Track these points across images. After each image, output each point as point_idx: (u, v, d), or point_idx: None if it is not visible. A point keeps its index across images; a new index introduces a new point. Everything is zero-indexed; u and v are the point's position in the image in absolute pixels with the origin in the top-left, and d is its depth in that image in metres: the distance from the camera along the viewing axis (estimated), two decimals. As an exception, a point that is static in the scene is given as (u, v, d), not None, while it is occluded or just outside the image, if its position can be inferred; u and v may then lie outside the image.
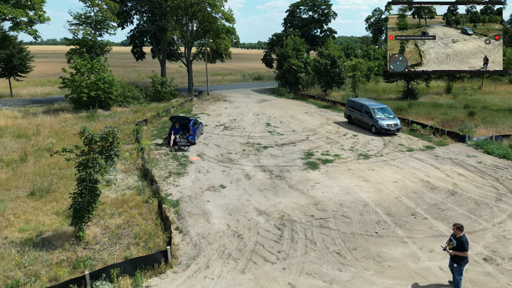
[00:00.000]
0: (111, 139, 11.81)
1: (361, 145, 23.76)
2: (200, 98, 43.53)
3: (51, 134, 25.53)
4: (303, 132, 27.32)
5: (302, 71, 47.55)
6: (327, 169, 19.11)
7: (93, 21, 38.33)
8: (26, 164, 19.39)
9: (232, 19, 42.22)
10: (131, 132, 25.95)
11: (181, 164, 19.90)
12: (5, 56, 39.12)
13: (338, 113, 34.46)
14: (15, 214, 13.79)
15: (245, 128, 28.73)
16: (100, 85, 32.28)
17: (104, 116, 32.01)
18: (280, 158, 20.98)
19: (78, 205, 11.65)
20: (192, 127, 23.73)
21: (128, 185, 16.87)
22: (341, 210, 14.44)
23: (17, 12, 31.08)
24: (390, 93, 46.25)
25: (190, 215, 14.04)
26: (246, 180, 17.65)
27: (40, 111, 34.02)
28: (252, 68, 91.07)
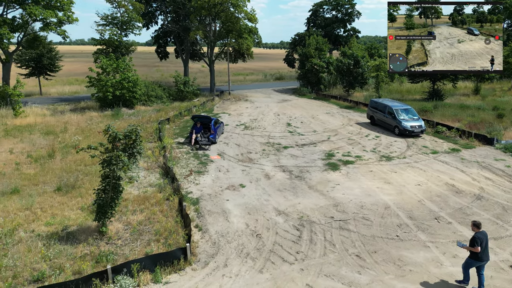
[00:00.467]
0: (134, 137, 12.07)
1: (384, 146, 23.34)
2: (221, 97, 43.86)
3: (77, 131, 26.31)
4: (324, 132, 27.10)
5: (324, 71, 47.13)
6: (348, 171, 18.88)
7: (119, 22, 39.27)
8: (54, 160, 20.05)
9: (254, 19, 42.32)
10: (154, 130, 26.43)
11: (201, 163, 20.12)
12: (35, 55, 40.60)
13: (360, 114, 33.97)
14: (42, 208, 14.29)
15: (266, 128, 28.75)
16: (124, 84, 33.04)
17: (128, 114, 32.72)
18: (300, 159, 20.88)
19: (101, 201, 11.96)
20: (213, 127, 23.94)
21: (150, 182, 17.20)
22: (362, 212, 14.24)
23: (47, 13, 32.21)
24: (415, 93, 45.18)
25: (209, 213, 14.17)
26: (266, 180, 17.66)
27: (67, 109, 35.12)
28: (274, 68, 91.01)
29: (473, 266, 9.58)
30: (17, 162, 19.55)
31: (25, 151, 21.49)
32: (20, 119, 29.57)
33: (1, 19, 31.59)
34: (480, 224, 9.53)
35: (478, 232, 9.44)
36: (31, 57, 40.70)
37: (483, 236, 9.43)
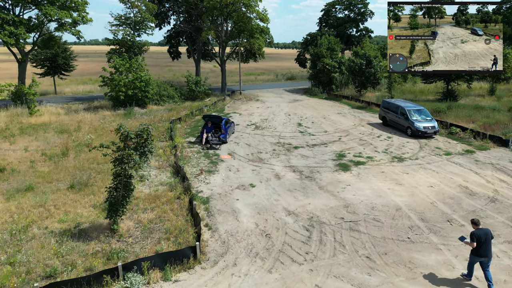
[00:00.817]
0: (145, 136, 12.19)
1: (396, 147, 23.09)
2: (232, 97, 43.97)
3: (90, 130, 26.68)
4: (335, 133, 26.94)
5: (336, 71, 46.86)
6: (359, 171, 18.74)
7: (132, 22, 39.70)
8: (67, 158, 20.38)
9: (266, 19, 42.33)
10: (165, 130, 26.64)
11: (212, 162, 20.20)
12: (50, 55, 41.32)
13: (372, 114, 33.67)
14: (56, 206, 14.54)
15: (276, 128, 28.72)
16: (137, 84, 33.38)
17: (140, 114, 33.06)
18: (310, 159, 20.80)
19: (113, 199, 12.11)
20: (224, 126, 24.02)
21: (161, 181, 17.34)
22: (372, 213, 14.11)
23: (62, 13, 32.77)
24: (428, 94, 44.57)
25: (219, 213, 14.22)
26: (276, 180, 17.64)
27: (81, 108, 35.66)
28: (285, 67, 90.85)
29: (474, 261, 9.85)
30: (31, 160, 19.93)
31: (40, 149, 21.89)
32: (35, 118, 30.13)
33: (18, 19, 32.26)
34: (479, 222, 9.84)
35: (477, 229, 9.75)
36: (46, 57, 41.44)
37: (483, 233, 9.67)
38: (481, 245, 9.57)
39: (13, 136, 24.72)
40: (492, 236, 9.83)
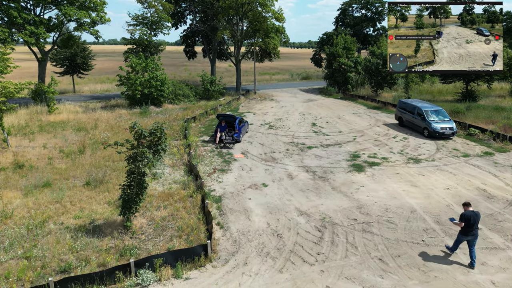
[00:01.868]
0: (159, 134, 12.31)
1: (412, 148, 22.70)
2: (247, 97, 44.02)
3: (107, 128, 27.13)
4: (350, 133, 26.66)
5: (352, 71, 46.38)
6: (373, 172, 18.49)
7: (149, 22, 40.19)
8: (84, 155, 20.78)
9: (282, 18, 42.20)
10: (180, 128, 26.86)
11: (225, 161, 20.26)
12: (69, 55, 42.20)
13: (388, 115, 33.20)
14: (71, 202, 14.83)
15: (290, 127, 28.61)
16: (153, 83, 33.77)
17: (156, 112, 33.43)
18: (324, 159, 20.64)
19: (127, 196, 12.27)
20: (237, 125, 24.07)
21: (175, 179, 17.49)
22: (386, 215, 13.91)
23: (81, 13, 33.43)
24: (447, 94, 43.68)
25: (231, 212, 14.25)
26: (289, 180, 17.57)
27: (98, 106, 36.29)
28: (301, 67, 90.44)
29: (461, 240, 10.83)
30: (49, 157, 20.38)
31: (58, 147, 22.37)
32: (54, 116, 30.82)
33: (38, 19, 33.07)
34: (469, 204, 10.79)
35: (468, 210, 10.63)
36: (65, 56, 42.34)
37: (472, 214, 10.53)
38: (468, 226, 10.47)
39: (32, 134, 25.34)
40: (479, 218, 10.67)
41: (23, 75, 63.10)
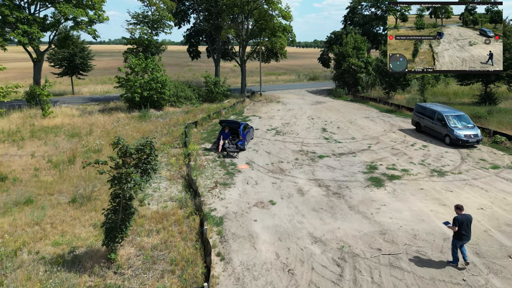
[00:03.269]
0: (148, 151, 10.42)
1: (434, 158, 20.62)
2: (252, 99, 42.07)
3: (102, 134, 25.34)
4: (364, 140, 24.61)
5: (362, 72, 44.23)
6: (394, 188, 16.47)
7: (150, 21, 38.35)
8: (73, 166, 18.99)
9: (289, 17, 40.12)
10: (180, 135, 24.97)
11: (228, 173, 18.34)
12: (68, 55, 40.50)
13: (403, 119, 31.08)
14: (52, 224, 13.02)
15: (299, 133, 26.61)
16: (153, 85, 31.93)
17: (156, 116, 31.59)
18: (338, 171, 18.64)
19: (111, 224, 10.40)
20: (242, 132, 22.14)
21: (171, 195, 15.61)
22: (415, 243, 11.90)
23: (77, 11, 31.64)
24: (463, 96, 41.45)
25: (234, 238, 12.33)
26: (299, 196, 15.61)
27: (96, 109, 34.55)
28: (307, 67, 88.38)
29: (457, 245, 10.56)
30: (36, 168, 18.61)
31: (47, 155, 20.59)
32: (48, 120, 29.11)
33: (31, 17, 31.31)
34: (462, 207, 10.57)
35: (461, 214, 10.41)
36: (64, 56, 40.64)
37: (465, 218, 10.37)
38: (462, 230, 10.31)
39: (22, 140, 23.62)
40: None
41: (24, 75, 61.73)
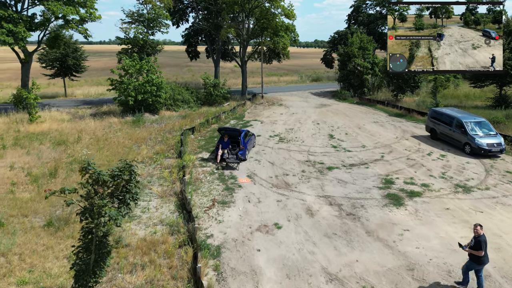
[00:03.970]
0: (127, 177, 8.44)
1: (455, 170, 18.63)
2: (253, 101, 40.09)
3: (91, 142, 23.40)
4: (376, 148, 22.63)
5: (368, 73, 42.26)
6: (416, 207, 14.49)
7: (146, 19, 36.38)
8: (55, 180, 17.03)
9: (292, 15, 38.11)
10: (175, 143, 22.99)
11: (227, 189, 16.37)
12: (60, 55, 38.54)
13: (415, 124, 29.09)
14: (21, 256, 11.08)
15: (304, 140, 24.63)
16: (147, 88, 29.96)
17: (151, 121, 29.61)
18: (350, 186, 16.67)
19: (81, 266, 8.43)
20: (242, 141, 20.17)
21: (162, 217, 13.64)
22: (452, 283, 9.91)
23: (67, 9, 29.66)
24: (475, 99, 39.51)
25: (233, 274, 10.36)
26: (308, 218, 13.65)
27: (88, 113, 32.61)
28: (309, 67, 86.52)
29: (473, 269, 9.46)
30: (13, 182, 16.66)
31: (27, 167, 18.64)
32: (35, 125, 27.16)
33: (17, 16, 29.31)
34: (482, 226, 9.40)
35: (483, 235, 9.20)
36: (55, 57, 38.68)
37: (486, 238, 9.25)
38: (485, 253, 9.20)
39: (4, 148, 21.67)
40: None
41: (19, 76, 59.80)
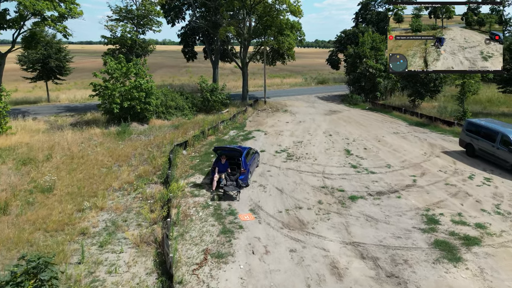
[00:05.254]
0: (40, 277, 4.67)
1: (510, 202, 14.84)
2: (255, 107, 36.32)
3: (64, 160, 19.64)
4: (404, 169, 18.83)
5: (381, 75, 38.48)
6: (479, 263, 10.71)
7: (135, 16, 32.62)
8: (5, 218, 13.28)
9: (299, 12, 34.27)
10: (163, 163, 19.15)
11: (225, 231, 12.60)
12: (41, 57, 34.78)
13: (442, 136, 25.34)
14: None
15: (317, 157, 20.86)
16: (134, 94, 26.18)
17: (138, 132, 25.80)
18: (383, 226, 12.90)
19: None
20: (244, 162, 16.36)
21: (133, 284, 9.86)
22: None
23: (42, 4, 25.86)
24: (500, 105, 35.75)
25: None
26: (335, 283, 9.90)
27: (69, 122, 28.86)
28: (312, 68, 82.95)
29: None
30: None
31: (-26, 198, 14.88)
32: (3, 138, 23.43)
33: (-18, 12, 25.62)
34: None
35: None
36: (37, 58, 34.90)
37: None
38: None
39: (-44, 170, 17.92)
40: None
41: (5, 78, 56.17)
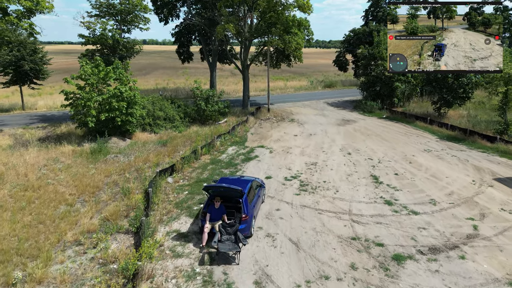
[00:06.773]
0: None
1: None
2: (258, 116, 31.91)
3: (15, 193, 15.22)
4: (454, 206, 14.38)
5: (400, 79, 34.07)
6: None
7: (118, 12, 28.22)
8: None
9: (308, 7, 29.78)
10: (141, 198, 14.59)
11: (217, 331, 8.15)
12: (13, 59, 30.33)
13: (485, 155, 20.94)
14: None
15: (338, 187, 16.39)
16: (114, 104, 21.76)
17: (117, 151, 21.32)
18: (457, 320, 8.45)
19: None
20: (245, 206, 11.88)
21: None
22: None
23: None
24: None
25: None
26: None
27: (37, 136, 24.45)
28: (316, 69, 78.58)
29: None
30: None
31: None
32: (-51, 159, 19.03)
33: None
34: None
35: None
36: (8, 61, 30.43)
37: None
38: None
39: None
40: None
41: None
